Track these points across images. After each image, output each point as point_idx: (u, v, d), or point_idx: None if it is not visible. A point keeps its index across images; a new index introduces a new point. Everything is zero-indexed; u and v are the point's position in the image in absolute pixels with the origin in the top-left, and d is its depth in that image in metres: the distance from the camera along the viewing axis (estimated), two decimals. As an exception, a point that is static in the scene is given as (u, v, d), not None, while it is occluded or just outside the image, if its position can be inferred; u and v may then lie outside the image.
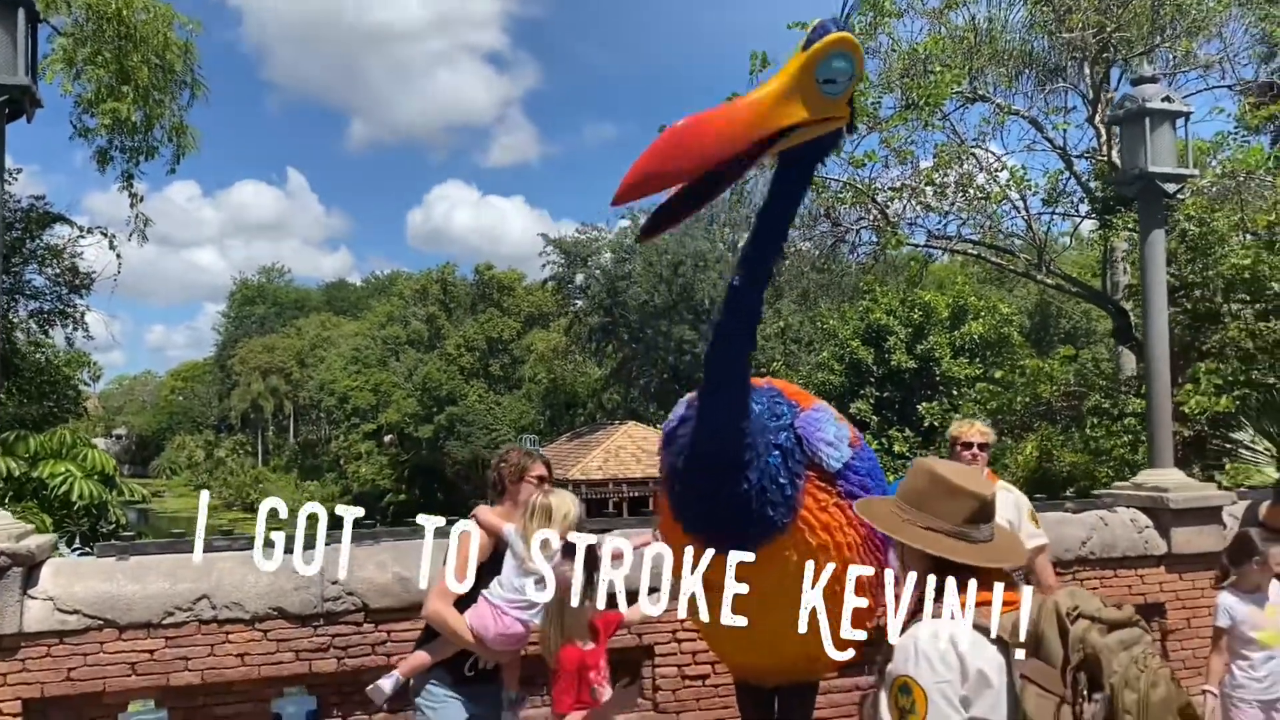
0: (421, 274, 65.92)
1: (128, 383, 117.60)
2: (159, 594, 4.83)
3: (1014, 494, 5.36)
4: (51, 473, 9.92)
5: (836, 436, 3.74)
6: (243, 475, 76.94)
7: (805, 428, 3.70)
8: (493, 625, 3.89)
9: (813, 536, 3.65)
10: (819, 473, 3.67)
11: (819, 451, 3.66)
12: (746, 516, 3.53)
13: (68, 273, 15.21)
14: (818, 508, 3.65)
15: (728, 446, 3.45)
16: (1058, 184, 13.59)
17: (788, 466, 3.58)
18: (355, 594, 5.08)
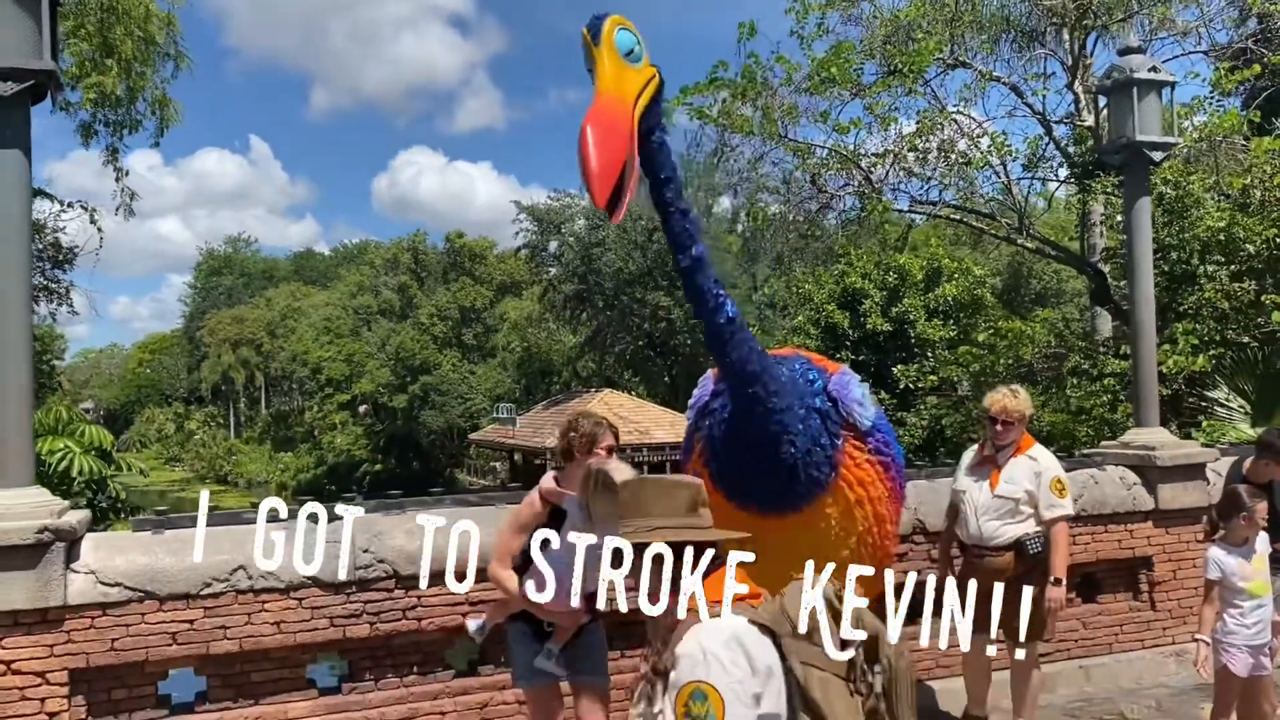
0: (392, 243, 65.63)
1: (93, 356, 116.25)
2: (197, 566, 4.96)
3: (1039, 461, 5.34)
4: (50, 449, 9.95)
5: (864, 397, 4.05)
6: (215, 447, 76.66)
7: (838, 390, 4.00)
8: (541, 593, 4.05)
9: (851, 492, 3.94)
10: (854, 431, 3.97)
11: (853, 411, 3.96)
12: (794, 479, 3.79)
13: (51, 248, 15.12)
14: (854, 465, 3.93)
15: (766, 422, 3.71)
16: (1037, 149, 13.84)
17: (827, 428, 3.86)
18: (385, 561, 5.23)
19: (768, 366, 3.73)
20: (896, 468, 4.23)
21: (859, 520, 4.01)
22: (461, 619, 5.37)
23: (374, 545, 5.25)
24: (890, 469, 4.14)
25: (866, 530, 4.04)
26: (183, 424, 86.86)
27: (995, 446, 5.33)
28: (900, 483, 4.31)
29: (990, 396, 5.41)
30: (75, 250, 15.36)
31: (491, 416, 46.42)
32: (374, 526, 5.34)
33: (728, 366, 3.68)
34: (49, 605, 4.67)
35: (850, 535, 4.01)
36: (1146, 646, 7.02)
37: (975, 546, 5.36)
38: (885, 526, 4.16)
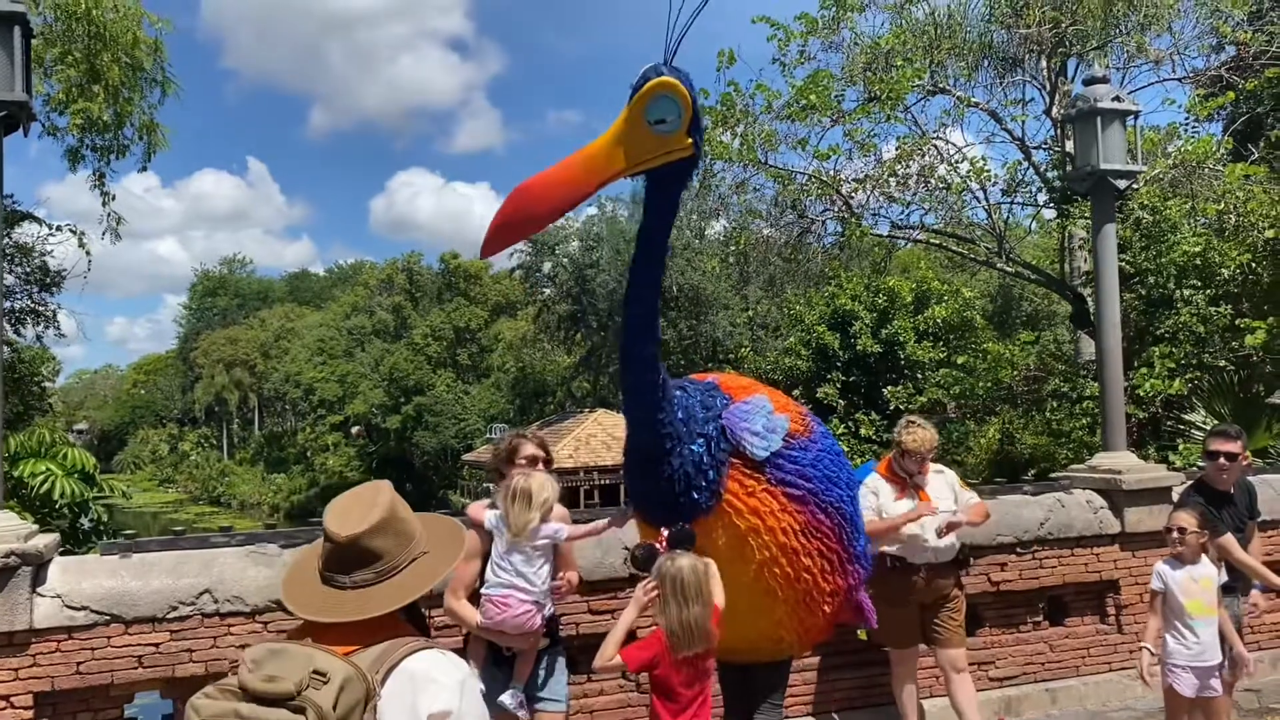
0: (386, 263, 65.74)
1: (88, 377, 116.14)
2: (163, 589, 5.02)
3: (944, 471, 5.82)
4: (32, 471, 9.99)
5: (767, 428, 4.07)
6: (208, 469, 76.51)
7: (731, 418, 4.05)
8: (496, 614, 4.10)
9: (740, 520, 3.99)
10: (744, 460, 4.00)
11: (742, 440, 3.99)
12: (672, 498, 3.91)
13: (38, 271, 15.19)
14: (744, 493, 3.98)
15: (649, 438, 3.87)
16: (1016, 174, 13.98)
17: (711, 454, 3.94)
18: (351, 586, 5.29)
19: (664, 389, 3.86)
20: (825, 503, 4.15)
21: (755, 549, 4.04)
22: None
23: (340, 569, 5.31)
24: (807, 502, 4.09)
25: (769, 559, 4.04)
26: (176, 445, 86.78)
27: (910, 473, 5.60)
28: (840, 519, 4.22)
29: (913, 434, 5.56)
30: (63, 273, 15.45)
31: (485, 437, 46.44)
32: (340, 550, 5.41)
33: (630, 386, 3.86)
34: (14, 629, 4.72)
35: (746, 563, 4.04)
36: (1113, 669, 7.07)
37: (927, 566, 5.53)
38: (800, 560, 4.10)
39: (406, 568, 2.08)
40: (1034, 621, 6.95)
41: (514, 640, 4.21)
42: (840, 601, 4.49)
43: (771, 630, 4.32)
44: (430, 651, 1.98)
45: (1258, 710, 6.66)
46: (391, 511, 2.10)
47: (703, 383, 4.27)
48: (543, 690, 4.32)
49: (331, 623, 2.00)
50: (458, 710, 1.93)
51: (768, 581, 4.09)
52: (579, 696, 5.75)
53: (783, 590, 4.14)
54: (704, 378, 4.37)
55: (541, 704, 4.30)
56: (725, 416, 4.03)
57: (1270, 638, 7.41)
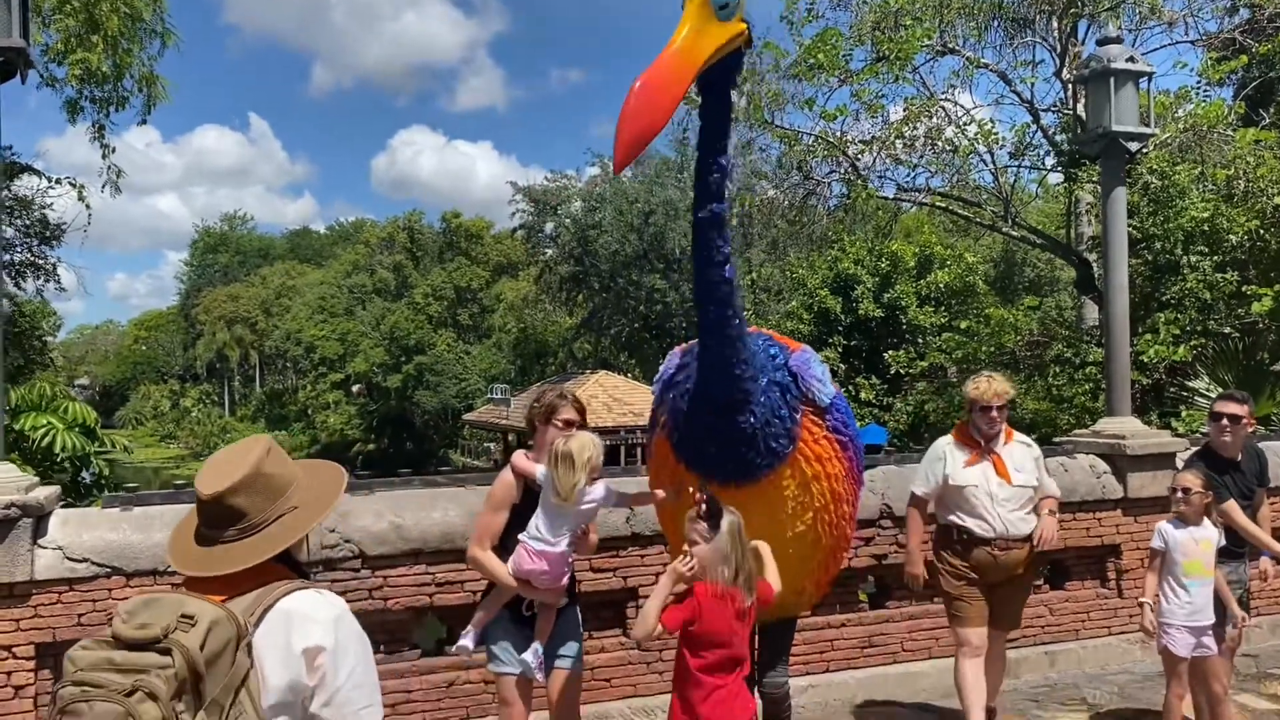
0: (388, 221, 65.45)
1: (89, 332, 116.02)
2: (164, 543, 5.00)
3: (1032, 445, 5.40)
4: (33, 425, 9.97)
5: (824, 374, 4.14)
6: (209, 425, 76.63)
7: (799, 365, 4.09)
8: (527, 565, 4.07)
9: (808, 466, 4.02)
10: (812, 407, 4.05)
11: (812, 387, 4.04)
12: (753, 449, 3.89)
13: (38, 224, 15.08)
14: (812, 439, 4.03)
15: (735, 386, 3.79)
16: (1024, 137, 13.82)
17: (786, 401, 3.95)
18: (352, 541, 5.29)
19: (745, 333, 3.81)
20: (855, 448, 4.25)
21: (815, 496, 4.08)
22: (429, 599, 5.44)
23: (341, 525, 5.30)
24: (848, 448, 4.17)
25: (823, 507, 4.11)
26: (178, 401, 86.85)
27: (985, 435, 5.15)
28: (858, 464, 4.32)
29: (977, 384, 5.22)
30: (63, 226, 15.34)
31: (486, 397, 46.45)
32: (341, 506, 5.39)
33: (713, 323, 3.72)
34: (15, 580, 4.72)
35: (807, 510, 4.08)
36: (1113, 633, 7.09)
37: (1000, 539, 5.06)
38: (842, 506, 4.19)
39: (273, 524, 2.09)
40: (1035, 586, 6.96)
41: (542, 595, 4.17)
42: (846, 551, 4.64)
43: (800, 581, 4.34)
44: (306, 591, 2.03)
45: (1255, 675, 6.68)
46: (256, 469, 2.10)
47: (756, 334, 4.25)
48: (561, 649, 4.29)
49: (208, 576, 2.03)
50: (332, 645, 1.97)
51: (818, 529, 4.15)
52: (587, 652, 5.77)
53: (825, 538, 4.22)
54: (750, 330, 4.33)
55: (560, 661, 4.27)
56: (793, 365, 4.05)
57: (1269, 604, 7.41)
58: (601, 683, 5.79)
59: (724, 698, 3.58)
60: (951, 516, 5.18)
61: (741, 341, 3.75)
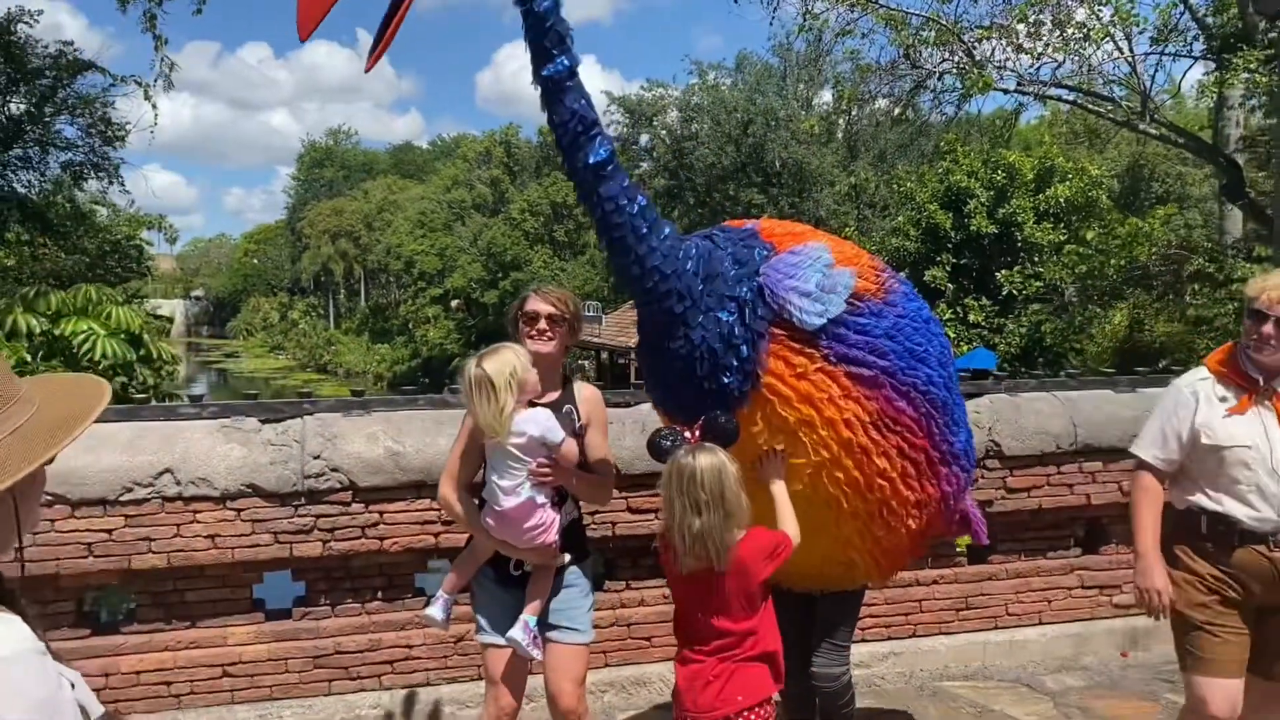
0: (485, 136, 64.89)
1: (203, 245, 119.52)
2: (116, 467, 4.25)
3: None
4: (73, 330, 9.50)
5: (822, 286, 2.97)
6: (315, 337, 78.24)
7: (772, 274, 2.96)
8: (495, 528, 3.21)
9: (787, 409, 2.94)
10: (792, 331, 2.93)
11: (787, 304, 2.91)
12: (694, 380, 2.94)
13: (100, 123, 14.63)
14: (791, 374, 2.92)
15: (654, 301, 2.93)
16: (1169, 20, 12.05)
17: (744, 323, 2.90)
18: (340, 470, 4.45)
19: (651, 225, 2.89)
20: (905, 385, 3.06)
21: (810, 448, 3.00)
22: (433, 540, 4.60)
23: (327, 451, 4.47)
24: (879, 385, 3.01)
25: (830, 461, 3.02)
26: (286, 313, 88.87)
27: (1267, 367, 3.26)
28: (928, 407, 3.12)
29: (1265, 282, 3.29)
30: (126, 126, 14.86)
31: (580, 314, 45.92)
32: (329, 429, 4.55)
33: (596, 221, 2.92)
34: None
35: (799, 467, 3.04)
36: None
37: None
38: (872, 461, 3.05)
39: None
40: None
41: (526, 554, 3.29)
42: (932, 514, 3.40)
43: (838, 551, 3.31)
44: None
45: None
46: None
47: (738, 229, 3.19)
48: (557, 617, 3.38)
49: None
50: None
51: (828, 489, 3.07)
52: (614, 607, 4.88)
53: (849, 500, 3.10)
54: (741, 224, 3.27)
55: (556, 633, 3.35)
56: (765, 272, 2.96)
57: None
58: (640, 641, 4.91)
59: (694, 675, 2.87)
60: (1200, 497, 3.35)
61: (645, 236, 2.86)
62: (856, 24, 12.25)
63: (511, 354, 3.12)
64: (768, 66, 37.71)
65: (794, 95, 38.36)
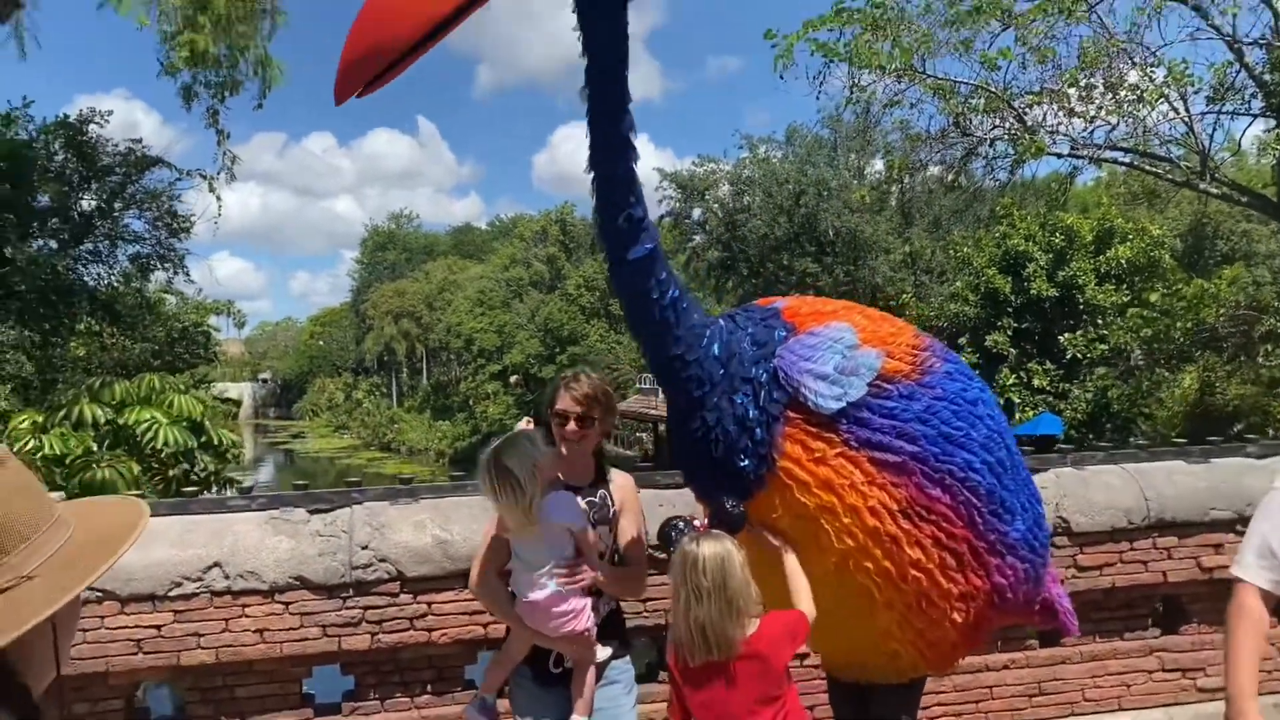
0: (541, 215, 66.01)
1: (270, 329, 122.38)
2: (165, 561, 4.24)
3: None
4: (137, 419, 9.68)
5: (841, 368, 2.86)
6: (378, 416, 79.26)
7: (788, 357, 2.88)
8: (527, 617, 3.13)
9: (806, 495, 2.82)
10: (807, 415, 2.83)
11: (802, 387, 2.81)
12: (710, 463, 2.88)
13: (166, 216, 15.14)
14: (810, 459, 2.81)
15: (669, 381, 2.90)
16: (1225, 79, 11.84)
17: (759, 405, 2.82)
18: (388, 560, 4.40)
19: (679, 315, 2.83)
20: (939, 472, 2.90)
21: (832, 535, 2.87)
22: (483, 630, 4.50)
23: (375, 541, 4.42)
24: (909, 472, 2.86)
25: (857, 550, 2.87)
26: (350, 393, 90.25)
27: None
28: (968, 495, 2.94)
29: None
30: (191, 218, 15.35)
31: (636, 387, 45.99)
32: (377, 518, 4.51)
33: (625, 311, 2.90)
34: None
35: (823, 554, 2.90)
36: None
37: None
38: (904, 551, 2.88)
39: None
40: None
41: (561, 646, 3.19)
42: (981, 607, 3.20)
43: (879, 641, 3.15)
44: None
45: None
46: None
47: (762, 309, 3.11)
48: (600, 717, 3.21)
49: None
50: None
51: (857, 579, 2.93)
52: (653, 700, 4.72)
53: (882, 591, 2.93)
54: (767, 303, 3.19)
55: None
56: (780, 354, 2.88)
57: None
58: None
59: None
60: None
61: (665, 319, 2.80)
62: (904, 94, 12.22)
63: (527, 442, 3.06)
64: (818, 138, 37.97)
65: (845, 165, 38.48)
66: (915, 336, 3.23)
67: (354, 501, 4.65)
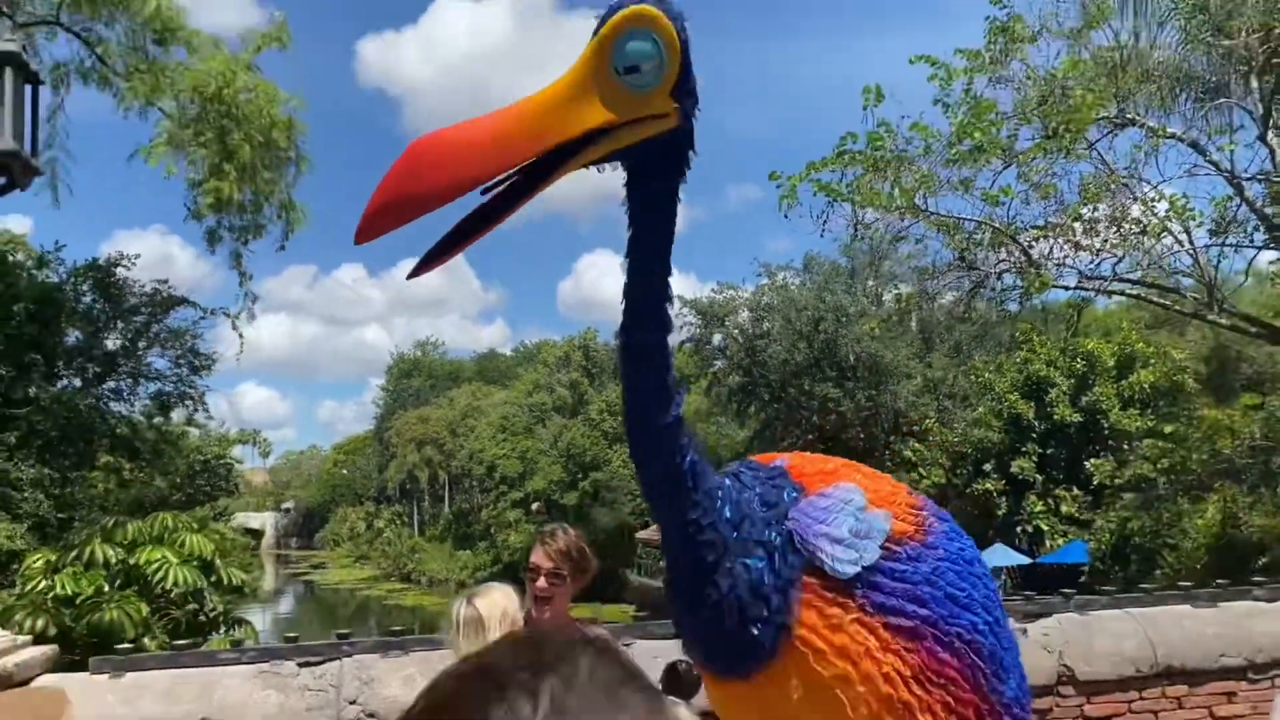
0: (564, 340, 66.74)
1: (295, 458, 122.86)
2: (153, 717, 4.21)
3: None
4: (147, 559, 9.71)
5: (856, 531, 2.82)
6: (399, 545, 78.74)
7: (802, 519, 2.83)
8: None
9: (823, 665, 2.74)
10: (824, 580, 2.77)
11: (819, 551, 2.76)
12: (722, 634, 2.74)
13: (189, 354, 15.51)
14: (826, 626, 2.74)
15: (681, 546, 2.73)
16: (1225, 212, 12.02)
17: (774, 570, 2.73)
18: (376, 716, 4.35)
19: (698, 478, 2.72)
20: (949, 635, 2.85)
21: (848, 705, 2.80)
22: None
23: (364, 695, 4.38)
24: (921, 637, 2.86)
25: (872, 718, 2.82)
26: (372, 522, 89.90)
27: None
28: (973, 657, 2.89)
29: None
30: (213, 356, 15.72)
31: (659, 515, 45.55)
32: (367, 671, 4.48)
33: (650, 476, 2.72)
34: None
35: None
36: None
37: None
38: (916, 718, 2.86)
39: None
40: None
41: None
42: None
43: None
44: None
45: None
46: None
47: (766, 467, 3.10)
48: None
49: None
50: None
51: None
52: None
53: None
54: (769, 459, 3.19)
55: None
56: (794, 516, 2.84)
57: None
58: None
59: None
60: None
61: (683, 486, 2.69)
62: (908, 230, 12.45)
63: (501, 595, 3.07)
64: (835, 265, 38.56)
65: (864, 291, 38.90)
66: (910, 495, 3.24)
67: (344, 654, 4.63)
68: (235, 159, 11.91)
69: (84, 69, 13.14)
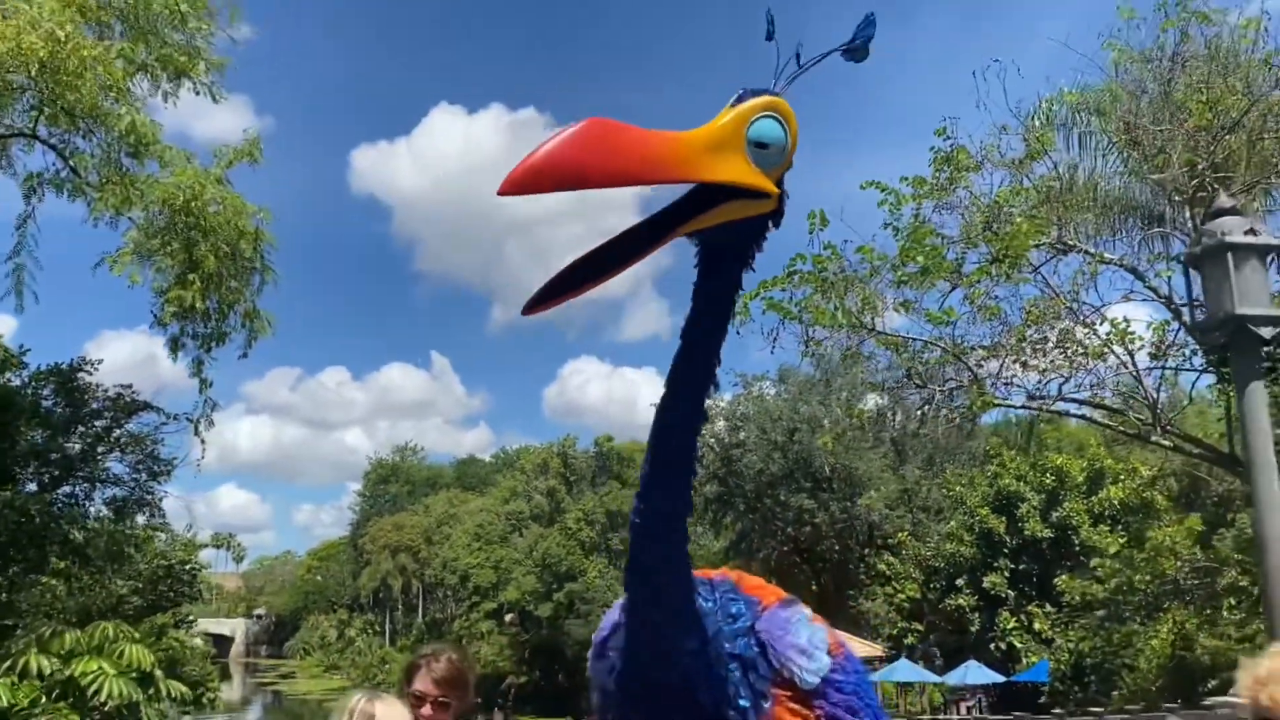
0: (542, 447, 66.48)
1: (269, 563, 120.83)
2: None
3: None
4: (83, 671, 9.56)
5: (811, 642, 2.95)
6: (370, 655, 77.04)
7: (771, 630, 2.94)
8: None
9: None
10: (790, 690, 2.88)
11: (790, 662, 2.88)
12: None
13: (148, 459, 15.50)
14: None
15: (669, 660, 2.74)
16: (1164, 335, 12.37)
17: (749, 682, 2.83)
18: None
19: (690, 591, 2.79)
20: None
21: None
22: None
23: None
24: None
25: None
26: (344, 631, 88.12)
27: None
28: None
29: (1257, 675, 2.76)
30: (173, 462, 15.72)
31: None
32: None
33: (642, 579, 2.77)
34: None
35: None
36: None
37: None
38: None
39: None
40: None
41: None
42: None
43: None
44: None
45: None
46: None
47: (719, 581, 3.20)
48: None
49: None
50: None
51: None
52: None
53: None
54: (710, 574, 3.28)
55: None
56: (762, 629, 2.95)
57: None
58: None
59: None
60: None
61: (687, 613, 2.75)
62: (859, 347, 12.73)
63: (400, 713, 3.11)
64: (809, 378, 38.99)
65: (838, 402, 39.21)
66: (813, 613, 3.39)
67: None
68: (200, 269, 12.17)
69: (58, 180, 13.50)
